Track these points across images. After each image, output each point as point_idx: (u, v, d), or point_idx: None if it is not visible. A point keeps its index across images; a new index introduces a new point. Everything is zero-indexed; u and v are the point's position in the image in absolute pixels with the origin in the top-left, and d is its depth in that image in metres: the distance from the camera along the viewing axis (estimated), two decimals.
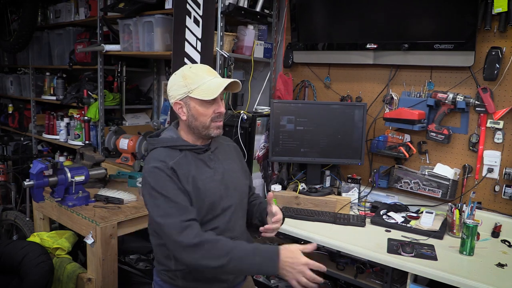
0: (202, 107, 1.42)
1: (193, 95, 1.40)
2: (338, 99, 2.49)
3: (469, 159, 2.10)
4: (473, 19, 1.88)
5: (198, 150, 1.47)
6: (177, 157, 1.42)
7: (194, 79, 1.41)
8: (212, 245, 1.26)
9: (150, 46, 2.64)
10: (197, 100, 1.41)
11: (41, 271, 1.94)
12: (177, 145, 1.46)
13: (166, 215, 1.31)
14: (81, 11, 3.34)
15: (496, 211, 2.02)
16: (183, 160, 1.42)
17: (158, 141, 1.48)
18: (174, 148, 1.45)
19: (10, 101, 4.45)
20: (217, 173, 1.49)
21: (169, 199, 1.32)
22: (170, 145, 1.46)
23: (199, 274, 1.41)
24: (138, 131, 3.01)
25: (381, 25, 2.17)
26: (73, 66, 3.40)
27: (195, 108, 1.42)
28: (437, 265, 1.59)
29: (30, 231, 2.63)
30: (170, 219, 1.29)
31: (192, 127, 1.46)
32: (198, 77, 1.41)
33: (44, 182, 2.09)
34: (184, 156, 1.44)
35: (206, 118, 1.43)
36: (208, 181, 1.45)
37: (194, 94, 1.40)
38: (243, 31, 2.46)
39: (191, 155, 1.45)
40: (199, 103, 1.42)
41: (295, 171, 2.43)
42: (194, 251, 1.26)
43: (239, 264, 1.28)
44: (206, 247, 1.26)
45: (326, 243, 1.82)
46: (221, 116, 1.46)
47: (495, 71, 1.92)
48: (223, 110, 1.45)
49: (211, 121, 1.43)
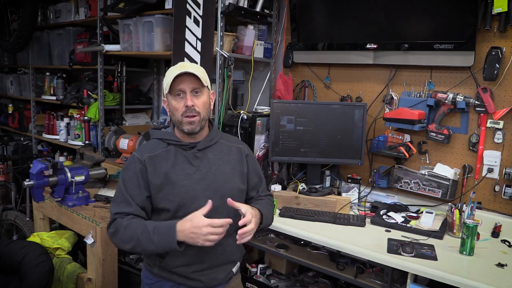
0: (175, 102, 1.49)
1: (165, 91, 1.51)
2: (338, 99, 2.49)
3: (469, 159, 2.10)
4: (473, 19, 1.88)
5: (184, 146, 1.53)
6: (159, 150, 1.52)
7: (167, 75, 1.50)
8: (122, 232, 1.42)
9: (150, 46, 2.64)
10: (171, 96, 1.50)
11: (41, 271, 1.94)
12: (165, 139, 1.54)
13: (114, 201, 1.50)
14: (81, 11, 3.34)
15: (496, 211, 2.02)
16: (163, 153, 1.51)
17: (153, 133, 1.60)
18: (163, 141, 1.54)
19: (10, 101, 4.44)
20: (199, 172, 1.51)
21: (122, 189, 1.48)
22: (161, 138, 1.55)
23: (171, 266, 1.48)
24: (138, 131, 3.01)
25: (381, 25, 2.17)
26: (73, 66, 3.40)
27: (171, 103, 1.51)
28: (437, 265, 1.59)
29: (30, 231, 2.63)
30: (113, 207, 1.49)
31: (173, 122, 1.55)
32: (170, 73, 1.49)
33: (44, 182, 2.09)
34: (167, 150, 1.52)
35: (178, 112, 1.49)
36: (183, 177, 1.49)
37: (165, 90, 1.50)
38: (243, 31, 2.46)
39: (175, 150, 1.52)
40: (172, 98, 1.50)
41: (295, 171, 2.43)
42: (113, 238, 1.46)
43: (143, 245, 1.39)
44: (119, 234, 1.42)
45: (326, 243, 1.82)
46: (191, 111, 1.47)
47: (495, 71, 1.92)
48: (190, 102, 1.46)
49: (182, 115, 1.48)
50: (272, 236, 2.24)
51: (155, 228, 1.38)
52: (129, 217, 1.44)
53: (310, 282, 2.27)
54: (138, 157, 1.50)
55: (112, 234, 1.45)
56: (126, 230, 1.40)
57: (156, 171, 1.48)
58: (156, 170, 1.48)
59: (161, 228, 1.38)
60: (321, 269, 1.94)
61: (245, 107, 2.67)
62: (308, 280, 2.28)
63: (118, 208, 1.46)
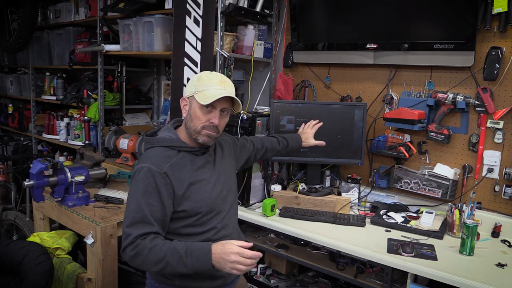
0: (200, 111, 1.44)
1: (196, 96, 1.43)
2: (338, 99, 2.49)
3: (469, 159, 2.10)
4: (473, 19, 1.88)
5: (196, 152, 1.48)
6: (174, 158, 1.43)
7: (204, 83, 1.44)
8: (146, 254, 1.31)
9: (150, 46, 2.64)
10: (198, 103, 1.43)
11: (41, 271, 1.94)
12: (175, 146, 1.46)
13: (131, 222, 1.35)
14: (81, 11, 3.34)
15: (496, 211, 2.02)
16: (179, 161, 1.43)
17: (157, 140, 1.48)
18: (172, 148, 1.46)
19: (10, 101, 4.44)
20: (213, 175, 1.51)
21: (140, 207, 1.35)
22: (169, 145, 1.46)
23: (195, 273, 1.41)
24: (138, 131, 3.01)
25: (381, 25, 2.17)
26: (73, 66, 3.40)
27: (195, 109, 1.45)
28: (437, 265, 1.59)
29: (30, 231, 2.63)
30: (129, 228, 1.34)
31: (187, 127, 1.48)
32: (209, 83, 1.44)
33: (44, 182, 2.09)
34: (181, 157, 1.44)
35: (199, 123, 1.44)
36: (204, 183, 1.46)
37: (197, 96, 1.43)
38: (243, 31, 2.46)
39: (188, 157, 1.46)
40: (199, 106, 1.44)
41: (295, 171, 2.43)
42: (133, 260, 1.34)
43: (175, 268, 1.32)
44: (141, 257, 1.32)
45: (326, 243, 1.82)
46: (214, 128, 1.45)
47: (495, 71, 1.92)
48: (217, 122, 1.44)
49: (203, 127, 1.44)
50: (272, 236, 2.24)
51: (188, 251, 1.32)
52: (150, 237, 1.34)
53: (310, 282, 2.27)
54: (157, 170, 1.37)
55: (132, 257, 1.33)
56: (151, 252, 1.31)
57: (180, 181, 1.40)
58: (180, 180, 1.40)
59: (195, 250, 1.32)
60: (321, 269, 1.94)
61: (245, 107, 2.67)
62: (308, 280, 2.28)
63: (138, 230, 1.33)
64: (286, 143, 2.00)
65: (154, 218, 1.35)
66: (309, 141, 2.10)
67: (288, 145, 2.00)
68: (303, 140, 2.08)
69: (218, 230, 1.48)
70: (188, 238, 1.42)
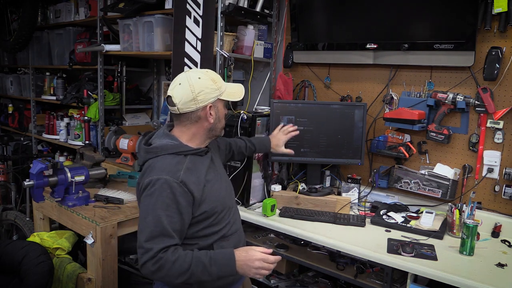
0: (224, 109, 1.51)
1: (223, 97, 1.46)
2: (338, 99, 2.49)
3: (469, 159, 2.10)
4: (473, 19, 1.88)
5: (200, 153, 1.48)
6: (184, 164, 1.40)
7: (221, 82, 1.48)
8: (170, 267, 1.29)
9: (150, 46, 2.64)
10: (222, 102, 1.49)
11: (41, 271, 1.94)
12: (181, 151, 1.43)
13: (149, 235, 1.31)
14: (81, 11, 3.34)
15: (496, 211, 2.02)
16: (190, 165, 1.41)
17: (160, 148, 1.43)
18: (178, 154, 1.42)
19: (10, 101, 4.45)
20: (219, 172, 1.54)
21: (159, 220, 1.31)
22: (175, 152, 1.42)
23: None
24: (138, 131, 3.01)
25: (381, 25, 2.17)
26: (73, 66, 3.40)
27: (222, 110, 1.50)
28: (437, 265, 1.59)
29: (30, 231, 2.64)
30: (148, 243, 1.30)
31: (213, 129, 1.49)
32: (221, 81, 1.48)
33: (44, 182, 2.09)
34: (190, 161, 1.42)
35: (224, 120, 1.53)
36: (214, 182, 1.48)
37: (224, 96, 1.46)
38: (243, 31, 2.46)
39: (195, 159, 1.45)
40: (223, 105, 1.50)
41: (295, 171, 2.43)
42: (155, 274, 1.31)
43: (199, 277, 1.32)
44: (165, 270, 1.30)
45: (326, 243, 1.82)
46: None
47: (495, 71, 1.92)
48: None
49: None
50: (272, 236, 2.24)
51: (212, 260, 1.32)
52: (171, 249, 1.32)
53: (310, 282, 2.27)
54: (174, 180, 1.33)
55: (154, 272, 1.30)
56: (174, 265, 1.30)
57: (197, 185, 1.39)
58: (196, 184, 1.39)
59: (219, 259, 1.33)
60: (321, 269, 1.94)
61: (245, 107, 2.66)
62: (308, 280, 2.28)
63: (159, 244, 1.30)
64: (253, 149, 1.99)
65: (173, 230, 1.33)
66: (279, 148, 2.07)
67: (255, 150, 2.00)
68: (273, 146, 2.06)
69: (231, 225, 1.52)
70: (206, 239, 1.43)
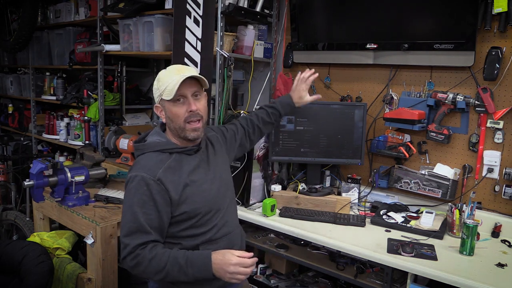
0: (175, 108, 1.40)
1: (163, 96, 1.40)
2: (338, 99, 2.49)
3: (469, 159, 2.10)
4: (473, 19, 1.88)
5: (189, 151, 1.46)
6: (166, 162, 1.40)
7: (163, 80, 1.41)
8: (147, 264, 1.32)
9: (150, 46, 2.64)
10: (169, 102, 1.40)
11: (41, 271, 1.94)
12: (166, 148, 1.43)
13: (127, 231, 1.35)
14: (81, 11, 3.34)
15: (496, 211, 2.02)
16: (173, 164, 1.40)
17: (147, 146, 1.45)
18: (163, 152, 1.42)
19: (10, 101, 4.45)
20: (210, 172, 1.49)
21: (136, 217, 1.34)
22: (160, 149, 1.43)
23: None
24: (138, 131, 3.01)
25: (381, 25, 2.17)
26: (73, 66, 3.40)
27: (170, 109, 1.41)
28: (437, 265, 1.59)
29: (30, 231, 2.63)
30: (127, 238, 1.34)
31: (171, 129, 1.45)
32: (167, 78, 1.40)
33: (44, 182, 2.09)
34: (175, 160, 1.42)
35: (180, 119, 1.41)
36: (201, 182, 1.44)
37: (164, 95, 1.40)
38: (243, 31, 2.46)
39: (181, 158, 1.43)
40: (171, 104, 1.40)
41: (295, 171, 2.43)
42: (134, 270, 1.35)
43: (176, 277, 1.34)
44: (142, 267, 1.33)
45: (326, 243, 1.82)
46: (195, 115, 1.42)
47: (495, 71, 1.92)
48: (194, 107, 1.41)
49: (185, 122, 1.41)
50: (272, 236, 2.24)
51: (188, 261, 1.33)
52: (149, 246, 1.34)
53: (310, 282, 2.27)
54: (150, 177, 1.34)
55: (133, 267, 1.34)
56: (151, 263, 1.32)
57: (175, 185, 1.38)
58: (175, 184, 1.38)
59: (196, 260, 1.33)
60: (321, 269, 1.94)
61: (245, 107, 2.67)
62: (308, 280, 2.28)
63: (135, 240, 1.33)
64: (278, 113, 1.89)
65: (150, 227, 1.35)
66: (303, 100, 1.94)
67: (280, 114, 1.91)
68: (295, 100, 1.93)
69: (219, 228, 1.47)
70: (190, 240, 1.42)
